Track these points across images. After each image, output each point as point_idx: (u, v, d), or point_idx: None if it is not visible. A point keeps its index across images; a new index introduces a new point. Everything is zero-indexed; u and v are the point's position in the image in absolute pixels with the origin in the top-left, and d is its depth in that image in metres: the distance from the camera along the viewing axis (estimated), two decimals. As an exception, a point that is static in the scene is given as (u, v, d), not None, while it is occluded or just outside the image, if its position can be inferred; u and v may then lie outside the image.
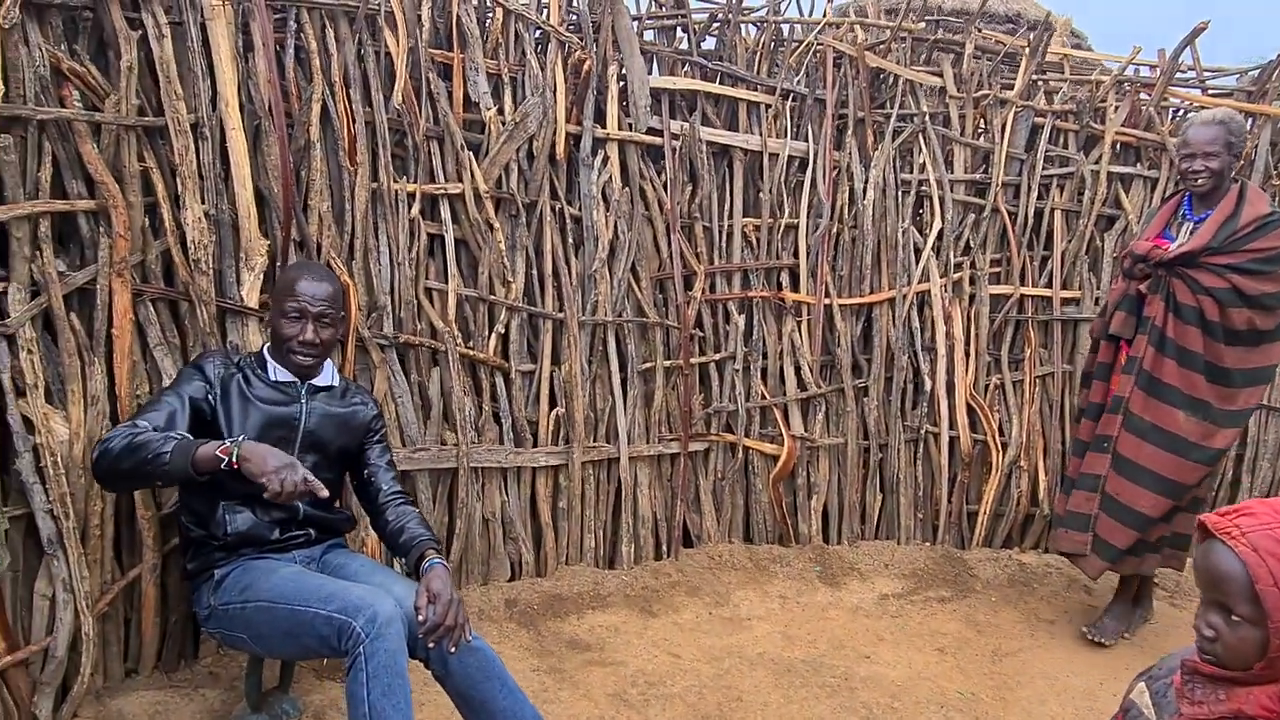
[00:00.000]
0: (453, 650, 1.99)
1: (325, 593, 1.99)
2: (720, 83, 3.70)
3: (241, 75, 2.58)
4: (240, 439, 1.95)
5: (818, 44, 3.85)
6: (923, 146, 3.99)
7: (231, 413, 2.16)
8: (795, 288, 3.86)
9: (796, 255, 3.86)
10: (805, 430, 3.85)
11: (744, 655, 3.05)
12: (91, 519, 2.27)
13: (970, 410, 4.02)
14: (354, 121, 2.84)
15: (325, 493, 1.94)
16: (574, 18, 3.42)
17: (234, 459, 1.90)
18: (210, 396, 2.14)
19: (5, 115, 2.12)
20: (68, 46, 2.30)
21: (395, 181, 2.95)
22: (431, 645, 1.96)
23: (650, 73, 3.58)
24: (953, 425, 3.99)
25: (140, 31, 2.35)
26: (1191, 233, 3.08)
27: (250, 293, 2.59)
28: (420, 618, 1.96)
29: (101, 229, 2.31)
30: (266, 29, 2.59)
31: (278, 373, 2.24)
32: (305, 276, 2.22)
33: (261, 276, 2.62)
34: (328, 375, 2.34)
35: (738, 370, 3.74)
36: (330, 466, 2.32)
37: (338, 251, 2.81)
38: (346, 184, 2.84)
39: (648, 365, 3.55)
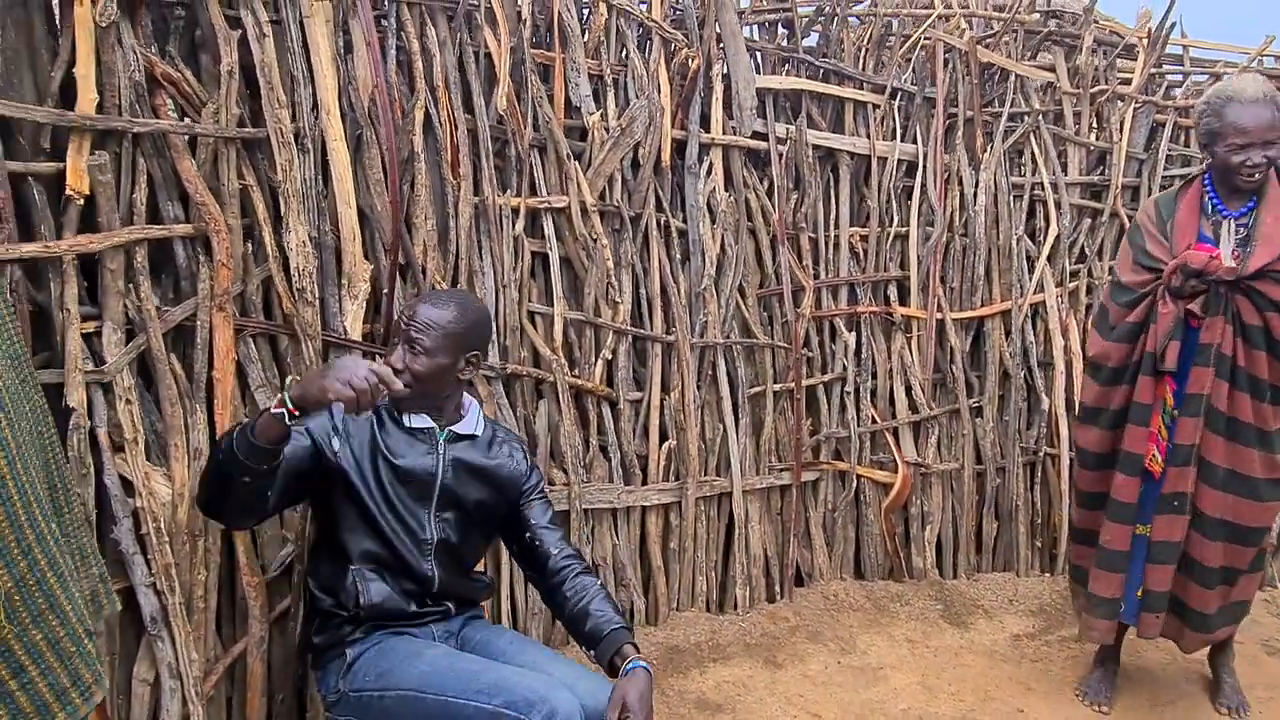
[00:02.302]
0: None
1: (485, 682, 1.70)
2: (826, 81, 3.41)
3: (341, 80, 2.29)
4: (289, 381, 1.66)
5: (925, 38, 3.57)
6: (1035, 147, 3.71)
7: (363, 464, 1.89)
8: (902, 301, 3.58)
9: (904, 266, 3.58)
10: (918, 455, 3.57)
11: (888, 713, 2.76)
12: (195, 590, 1.98)
13: (1091, 430, 3.72)
14: (456, 130, 2.56)
15: (399, 385, 1.67)
16: (677, 13, 3.14)
17: (290, 406, 1.60)
18: (334, 440, 1.83)
19: (101, 129, 1.83)
20: (159, 48, 2.01)
21: (499, 196, 2.66)
22: None
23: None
24: (1072, 446, 3.70)
25: (240, 32, 2.06)
26: (1237, 234, 2.55)
27: (353, 323, 2.30)
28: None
29: (201, 257, 2.01)
30: (369, 26, 2.30)
31: (413, 419, 1.95)
32: (424, 300, 1.97)
33: (364, 305, 2.33)
34: (471, 421, 2.04)
35: (848, 392, 3.45)
36: (472, 526, 2.03)
37: (442, 275, 2.52)
38: (449, 199, 2.55)
39: (756, 389, 3.27)
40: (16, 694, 1.34)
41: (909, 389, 3.55)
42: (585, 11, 2.97)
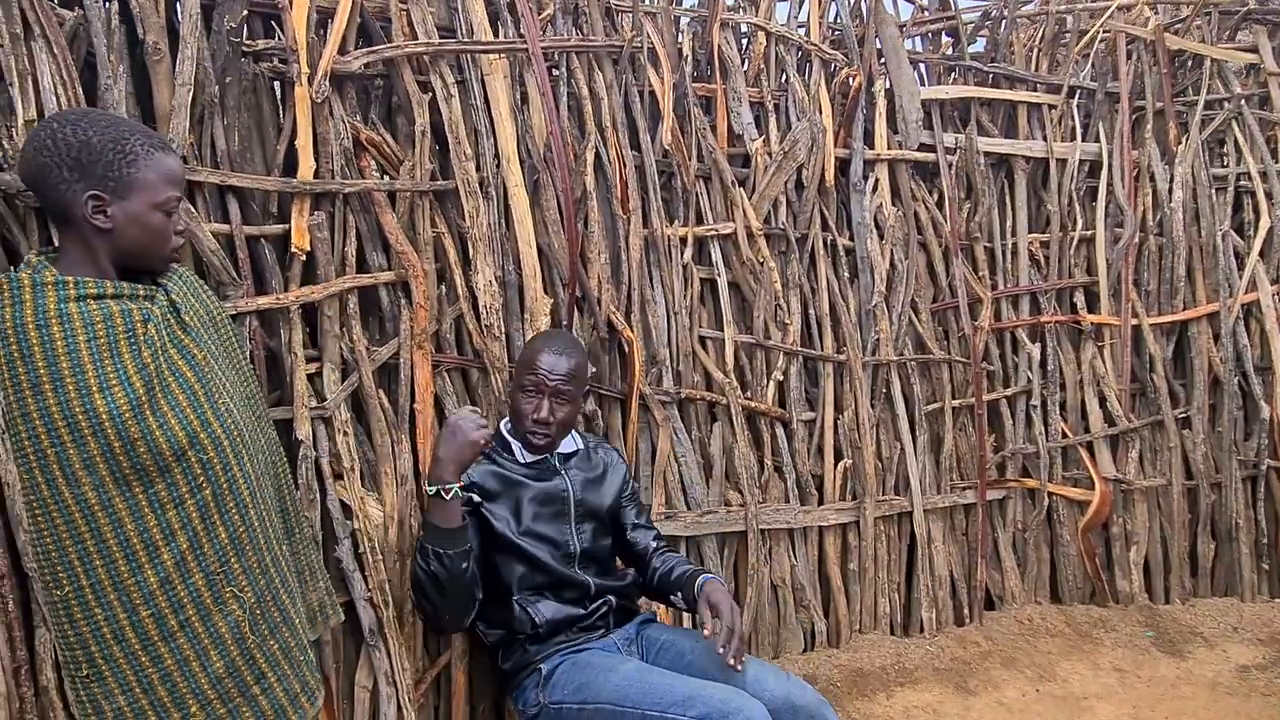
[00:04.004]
0: (737, 669, 1.85)
1: (680, 695, 1.78)
2: (996, 86, 3.31)
3: (519, 130, 2.46)
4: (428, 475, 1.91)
5: (1104, 31, 3.39)
6: (1238, 134, 3.43)
7: (498, 506, 2.05)
8: (1091, 308, 3.39)
9: (1090, 271, 3.39)
10: (1117, 470, 3.34)
11: (1095, 745, 2.60)
12: (405, 604, 2.16)
13: (1323, 440, 3.37)
14: (624, 167, 2.68)
15: (487, 426, 1.90)
16: (835, 34, 3.15)
17: (438, 486, 1.84)
18: (474, 497, 2.02)
19: (318, 192, 2.06)
20: (362, 115, 2.25)
21: (668, 227, 2.75)
22: (732, 662, 1.84)
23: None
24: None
25: (430, 95, 2.27)
26: None
27: (536, 355, 2.45)
28: (706, 631, 1.87)
29: (402, 300, 2.22)
30: (543, 78, 2.46)
31: (524, 454, 2.11)
32: (547, 349, 2.09)
33: (545, 337, 2.48)
34: (571, 441, 2.21)
35: (1035, 406, 3.29)
36: (603, 530, 2.20)
37: (617, 305, 2.63)
38: (620, 233, 2.67)
39: (934, 406, 3.18)
40: (259, 698, 1.52)
41: (1103, 401, 3.35)
42: (744, 41, 3.04)
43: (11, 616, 1.62)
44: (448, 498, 1.84)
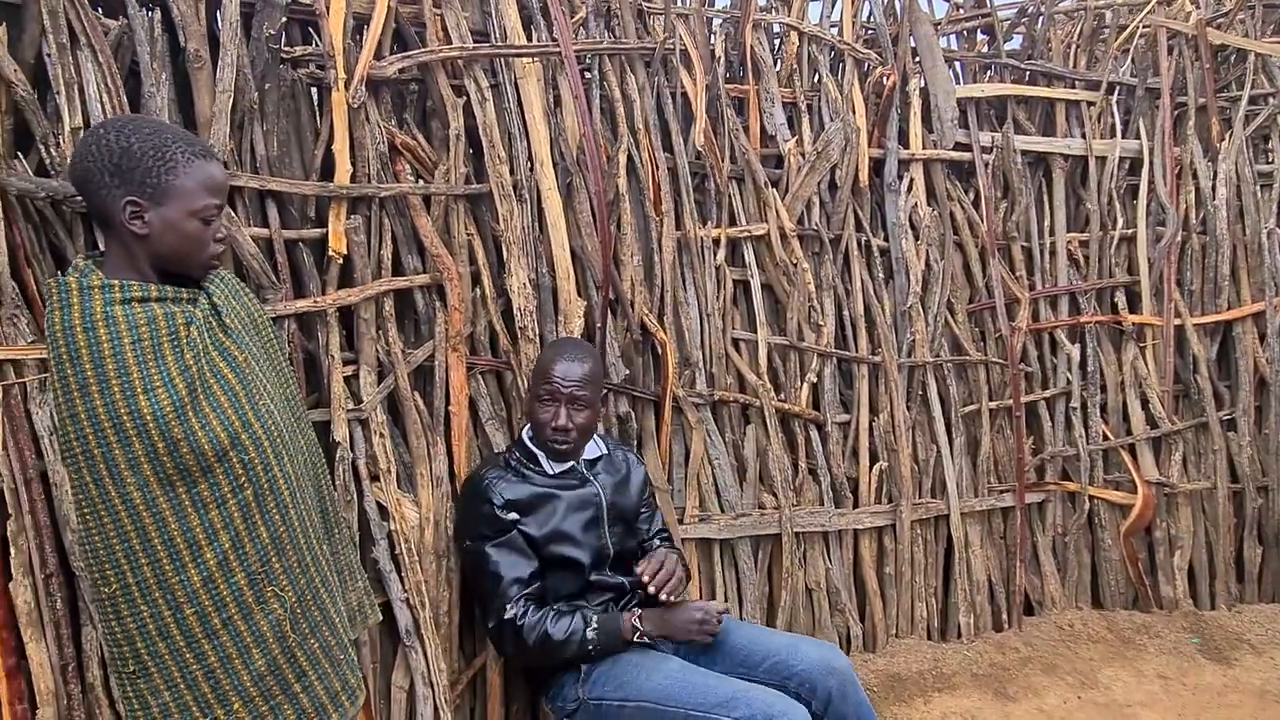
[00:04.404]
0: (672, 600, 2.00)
1: (724, 695, 1.78)
2: (1033, 83, 3.26)
3: (552, 133, 2.47)
4: (638, 616, 1.99)
5: (1144, 27, 3.34)
6: (1284, 130, 3.36)
7: (537, 514, 2.05)
8: (1132, 308, 3.33)
9: (1132, 271, 3.33)
10: (1160, 473, 3.28)
11: (1139, 754, 2.55)
12: (441, 606, 2.18)
13: (1375, 443, 3.29)
14: (657, 169, 2.67)
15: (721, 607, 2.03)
16: (869, 33, 3.13)
17: (641, 634, 1.98)
18: (519, 525, 2.03)
19: (354, 195, 2.09)
20: (397, 119, 2.27)
21: (700, 228, 2.75)
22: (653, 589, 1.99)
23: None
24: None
25: (464, 99, 2.28)
26: None
27: (569, 357, 2.45)
28: (643, 573, 2.01)
29: (437, 303, 2.23)
30: (575, 81, 2.47)
31: (551, 465, 2.11)
32: (559, 357, 2.09)
33: (579, 339, 2.48)
34: (594, 446, 2.22)
35: (1074, 408, 3.24)
36: (632, 532, 2.23)
37: (650, 308, 2.63)
38: (653, 235, 2.66)
39: (971, 408, 3.14)
40: (300, 695, 1.53)
41: (1145, 402, 3.29)
42: (777, 42, 3.03)
43: (59, 615, 1.66)
44: (637, 639, 1.97)
